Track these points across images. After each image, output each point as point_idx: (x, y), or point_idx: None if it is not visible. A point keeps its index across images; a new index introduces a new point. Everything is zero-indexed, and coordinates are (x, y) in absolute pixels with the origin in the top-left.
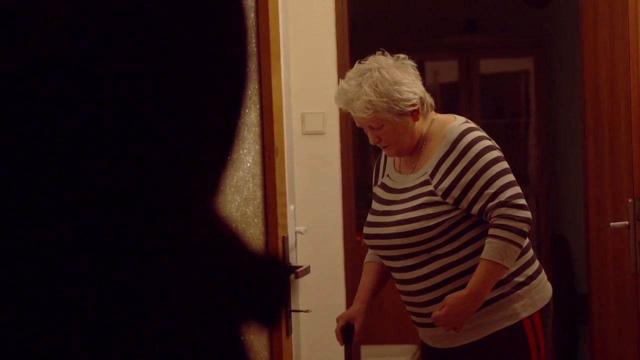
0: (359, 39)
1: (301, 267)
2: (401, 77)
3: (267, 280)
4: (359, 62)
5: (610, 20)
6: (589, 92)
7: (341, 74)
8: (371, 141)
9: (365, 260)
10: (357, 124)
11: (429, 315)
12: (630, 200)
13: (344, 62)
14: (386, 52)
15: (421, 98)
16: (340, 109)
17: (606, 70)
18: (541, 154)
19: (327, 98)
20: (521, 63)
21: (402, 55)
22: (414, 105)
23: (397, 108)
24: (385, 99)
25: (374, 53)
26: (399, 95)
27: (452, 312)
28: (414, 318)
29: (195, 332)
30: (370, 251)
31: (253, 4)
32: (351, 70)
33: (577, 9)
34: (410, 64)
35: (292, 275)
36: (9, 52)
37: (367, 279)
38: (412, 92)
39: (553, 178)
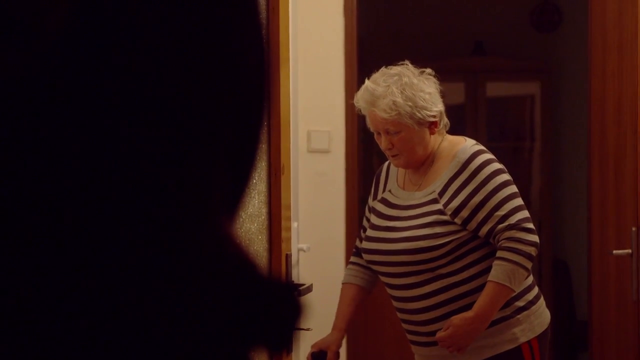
0: (367, 59)
1: (304, 285)
2: (427, 87)
3: (279, 306)
4: (386, 67)
5: (619, 46)
6: (595, 118)
7: (349, 93)
8: (383, 146)
9: (343, 281)
10: (372, 128)
11: (427, 334)
12: (634, 229)
13: (352, 81)
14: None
15: (441, 113)
16: (347, 126)
17: (613, 97)
18: (545, 178)
19: (333, 116)
20: (528, 87)
21: (428, 70)
22: (434, 116)
23: (419, 115)
24: (410, 103)
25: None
26: (423, 103)
27: (458, 333)
28: (410, 337)
29: (203, 353)
30: (348, 271)
31: (264, 22)
32: (377, 73)
33: (585, 35)
34: (434, 80)
35: (303, 304)
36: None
37: (345, 305)
38: (434, 104)
39: (556, 203)
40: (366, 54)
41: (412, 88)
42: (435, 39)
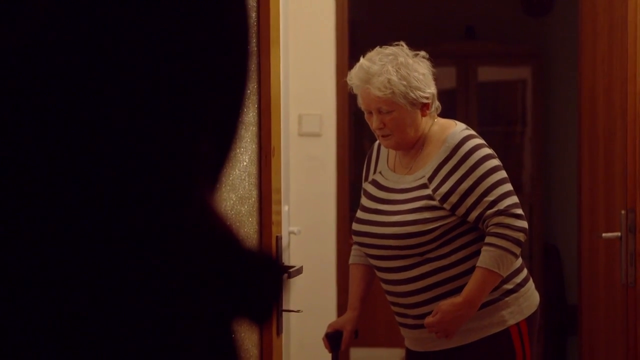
0: (358, 42)
1: (294, 267)
2: (421, 68)
3: (260, 279)
4: (380, 47)
5: (610, 31)
6: (585, 103)
7: (340, 77)
8: (374, 126)
9: (350, 262)
10: (364, 107)
11: (415, 317)
12: (623, 212)
13: (343, 65)
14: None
15: (433, 95)
16: (338, 110)
17: (603, 81)
18: (536, 163)
19: (324, 100)
20: (519, 72)
21: (422, 53)
22: (427, 98)
23: (412, 95)
24: (404, 82)
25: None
26: (416, 83)
27: (446, 319)
28: (399, 319)
29: (186, 327)
30: (354, 251)
31: (255, 4)
32: (372, 52)
33: (576, 20)
34: (428, 63)
35: (285, 275)
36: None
37: (356, 286)
38: (427, 85)
39: (547, 187)
40: (357, 38)
41: (407, 68)
42: (426, 23)
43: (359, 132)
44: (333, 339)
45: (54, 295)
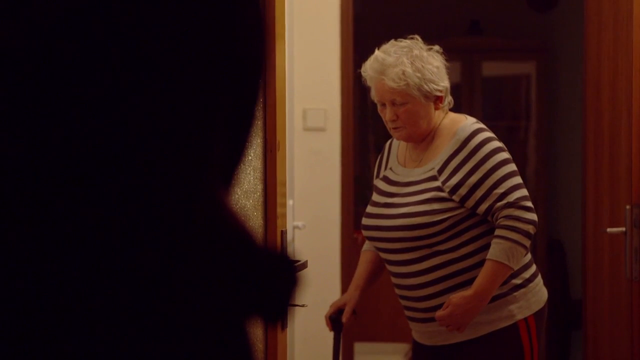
0: (363, 37)
1: (299, 261)
2: (435, 61)
3: (275, 277)
4: (395, 40)
5: (614, 26)
6: (590, 98)
7: (344, 71)
8: (387, 117)
9: (362, 249)
10: (378, 98)
11: (424, 310)
12: (627, 207)
13: (348, 60)
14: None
15: (447, 89)
16: (343, 104)
17: (608, 76)
18: (540, 158)
19: (329, 94)
20: (524, 67)
21: (436, 47)
22: (440, 91)
23: (426, 88)
24: (419, 74)
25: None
26: (430, 76)
27: (457, 312)
28: (408, 313)
29: (200, 325)
30: (366, 243)
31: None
32: (387, 44)
33: (581, 15)
34: (442, 57)
35: (300, 272)
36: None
37: (363, 267)
38: (441, 78)
39: (551, 182)
40: (362, 33)
41: (421, 60)
42: (431, 17)
43: (363, 127)
44: (336, 321)
45: (73, 291)
